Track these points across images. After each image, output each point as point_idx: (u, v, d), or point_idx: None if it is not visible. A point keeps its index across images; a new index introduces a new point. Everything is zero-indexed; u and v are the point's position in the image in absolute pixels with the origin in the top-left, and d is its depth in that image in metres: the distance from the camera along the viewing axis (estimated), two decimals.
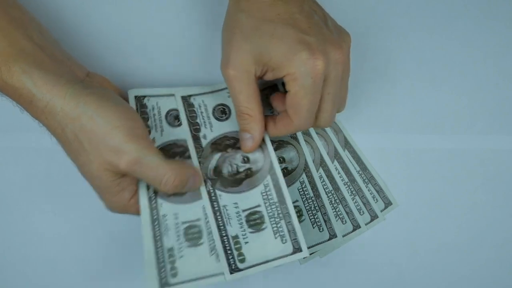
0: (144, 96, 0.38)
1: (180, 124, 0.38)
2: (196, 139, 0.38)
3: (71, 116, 0.31)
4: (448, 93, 0.45)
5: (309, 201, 0.43)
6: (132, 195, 0.34)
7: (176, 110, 0.38)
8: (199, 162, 0.37)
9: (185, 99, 0.40)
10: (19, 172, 0.41)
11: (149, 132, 0.37)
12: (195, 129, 0.39)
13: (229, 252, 0.34)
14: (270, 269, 0.42)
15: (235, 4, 0.35)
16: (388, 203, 0.44)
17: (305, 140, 0.43)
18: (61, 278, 0.41)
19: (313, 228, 0.42)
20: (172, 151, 0.37)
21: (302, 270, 0.43)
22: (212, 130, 0.39)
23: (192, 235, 0.35)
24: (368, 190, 0.44)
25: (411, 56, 0.45)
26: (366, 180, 0.44)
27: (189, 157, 0.37)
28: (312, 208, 0.42)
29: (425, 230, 0.44)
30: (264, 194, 0.36)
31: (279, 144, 0.42)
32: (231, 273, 0.34)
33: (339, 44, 0.34)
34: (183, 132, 0.38)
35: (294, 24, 0.33)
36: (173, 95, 0.39)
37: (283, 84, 0.36)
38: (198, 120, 0.39)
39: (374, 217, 0.43)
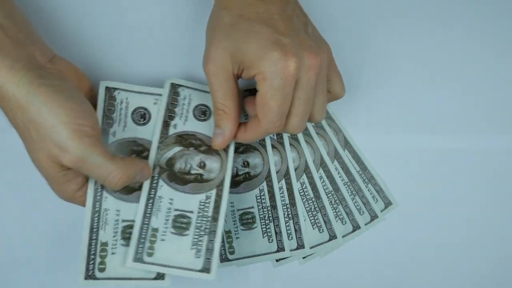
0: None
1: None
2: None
3: (21, 104, 0.30)
4: (448, 93, 0.45)
5: (309, 202, 0.43)
6: (80, 187, 0.35)
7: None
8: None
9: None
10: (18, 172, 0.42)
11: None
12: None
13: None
14: (270, 269, 0.42)
15: (218, 1, 0.35)
16: (388, 203, 0.44)
17: (305, 141, 0.43)
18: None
19: (313, 229, 0.42)
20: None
21: (302, 270, 0.43)
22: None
23: (247, 220, 0.40)
24: (368, 190, 0.44)
25: (411, 56, 0.45)
26: (366, 180, 0.44)
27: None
28: (313, 209, 0.43)
29: (425, 230, 0.44)
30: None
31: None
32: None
33: (315, 51, 0.33)
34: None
35: (271, 24, 0.33)
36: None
37: None
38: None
39: (374, 217, 0.43)
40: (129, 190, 0.36)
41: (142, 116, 0.38)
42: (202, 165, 0.38)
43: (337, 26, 0.44)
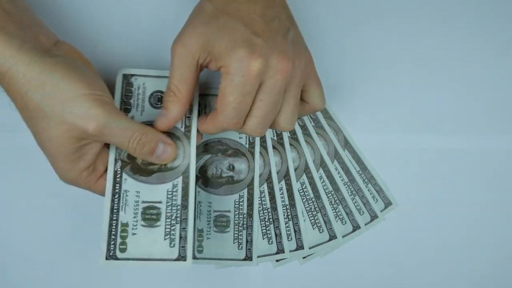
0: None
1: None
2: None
3: (34, 83, 0.31)
4: (448, 93, 0.45)
5: (309, 202, 0.43)
6: (87, 167, 0.35)
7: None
8: None
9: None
10: (18, 172, 0.41)
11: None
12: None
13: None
14: (270, 269, 0.42)
15: None
16: (388, 203, 0.44)
17: (305, 141, 0.43)
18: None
19: (313, 229, 0.42)
20: None
21: (302, 270, 0.43)
22: None
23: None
24: (368, 190, 0.44)
25: (411, 56, 0.45)
26: (366, 180, 0.44)
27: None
28: (313, 209, 0.43)
29: (425, 230, 0.44)
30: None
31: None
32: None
33: (287, 55, 0.33)
34: None
35: (248, 23, 0.33)
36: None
37: None
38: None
39: (374, 217, 0.43)
40: (149, 172, 0.37)
41: (159, 100, 0.39)
42: (231, 168, 0.41)
43: (337, 25, 0.44)
